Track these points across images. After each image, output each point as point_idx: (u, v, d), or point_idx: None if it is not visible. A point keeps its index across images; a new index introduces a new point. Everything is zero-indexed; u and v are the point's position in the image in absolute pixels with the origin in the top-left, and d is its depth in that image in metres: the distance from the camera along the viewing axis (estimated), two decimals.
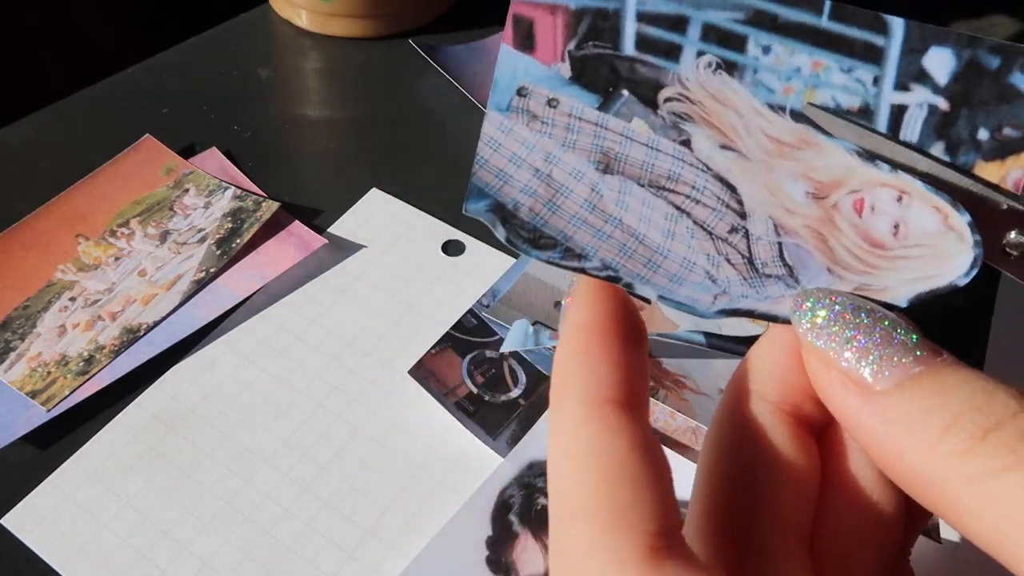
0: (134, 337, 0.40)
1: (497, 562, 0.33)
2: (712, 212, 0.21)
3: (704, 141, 0.21)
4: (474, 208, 0.22)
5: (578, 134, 0.21)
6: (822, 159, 0.20)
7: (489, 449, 0.36)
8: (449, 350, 0.39)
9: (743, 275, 0.21)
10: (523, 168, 0.21)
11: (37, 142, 0.49)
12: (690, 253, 0.21)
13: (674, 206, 0.21)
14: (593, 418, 0.18)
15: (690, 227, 0.21)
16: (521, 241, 0.21)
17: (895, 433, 0.17)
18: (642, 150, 0.21)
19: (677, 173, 0.21)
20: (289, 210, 0.45)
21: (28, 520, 0.34)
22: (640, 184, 0.21)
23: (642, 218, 0.21)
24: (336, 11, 0.54)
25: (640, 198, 0.21)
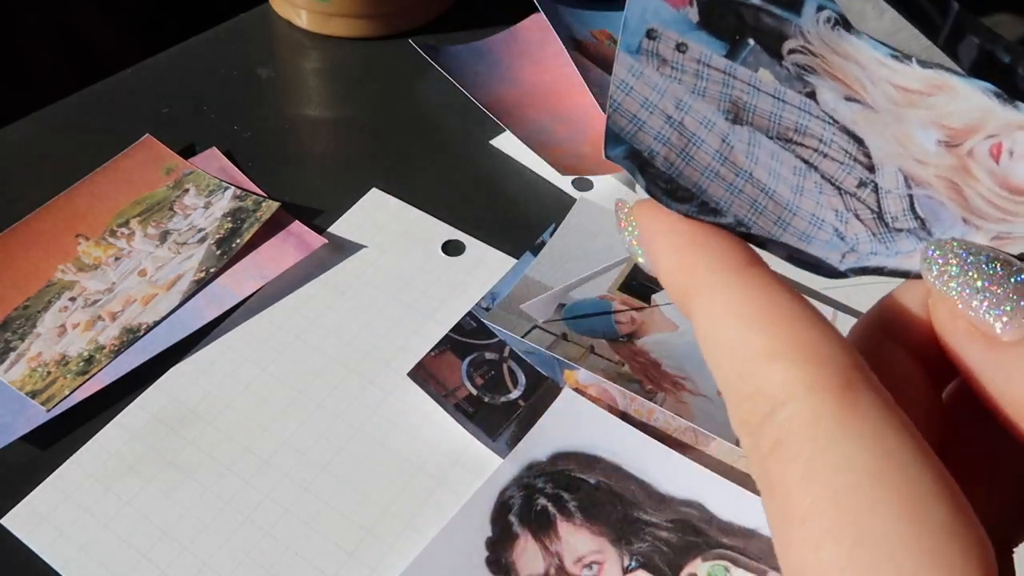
0: (134, 337, 0.40)
1: (497, 563, 0.33)
2: (840, 166, 0.20)
3: (829, 93, 0.20)
4: (613, 154, 0.21)
5: (707, 81, 0.21)
6: (956, 103, 0.20)
7: (489, 450, 0.36)
8: (448, 352, 0.39)
9: (872, 231, 0.20)
10: (655, 114, 0.21)
11: (37, 142, 0.49)
12: (819, 209, 0.20)
13: (802, 160, 0.20)
14: (741, 279, 0.18)
15: (818, 182, 0.20)
16: (660, 192, 0.20)
17: (1019, 386, 0.17)
18: (769, 100, 0.20)
19: (804, 125, 0.20)
20: (289, 210, 0.45)
21: (28, 520, 0.34)
22: (769, 136, 0.20)
23: (771, 172, 0.20)
24: (336, 11, 0.54)
25: (769, 151, 0.20)
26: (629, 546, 0.33)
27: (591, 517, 0.34)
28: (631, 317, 0.40)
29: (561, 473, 0.35)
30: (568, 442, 0.36)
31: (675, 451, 0.35)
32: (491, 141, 0.50)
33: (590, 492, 0.34)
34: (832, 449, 0.16)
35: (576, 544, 0.33)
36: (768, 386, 0.17)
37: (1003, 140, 0.19)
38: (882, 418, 0.16)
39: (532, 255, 0.43)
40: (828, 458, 0.16)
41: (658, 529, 0.33)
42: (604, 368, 0.38)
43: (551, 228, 0.44)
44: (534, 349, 0.39)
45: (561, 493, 0.34)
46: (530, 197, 0.47)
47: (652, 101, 0.20)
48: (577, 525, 0.33)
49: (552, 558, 0.33)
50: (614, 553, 0.33)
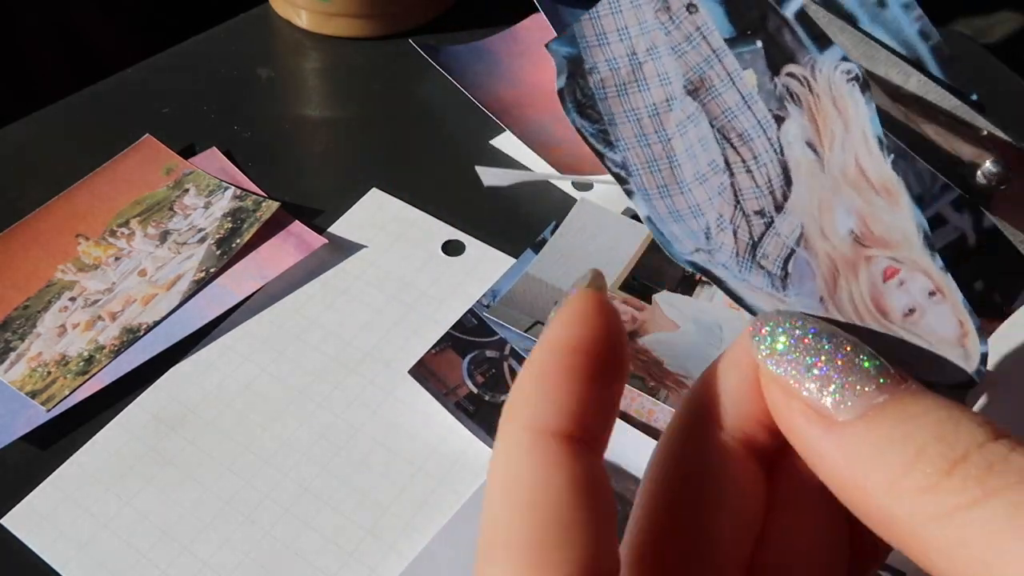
0: (134, 337, 0.40)
1: None
2: (754, 188, 0.20)
3: (796, 128, 0.20)
4: (555, 48, 0.21)
5: (692, 49, 0.21)
6: (890, 216, 0.20)
7: (489, 449, 0.36)
8: (449, 350, 0.39)
9: (737, 251, 0.20)
10: (624, 43, 0.21)
11: (37, 142, 0.49)
12: (706, 204, 0.20)
13: (725, 160, 0.20)
14: (535, 447, 0.17)
15: (724, 185, 0.20)
16: (571, 101, 0.20)
17: (858, 466, 0.17)
18: (736, 98, 0.20)
19: (751, 137, 0.20)
20: (289, 210, 0.45)
21: (28, 520, 0.34)
22: (711, 124, 0.20)
23: (689, 150, 0.20)
24: (336, 11, 0.54)
25: (701, 134, 0.20)
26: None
27: None
28: (632, 316, 0.40)
29: None
30: None
31: None
32: (491, 141, 0.50)
33: None
34: None
35: None
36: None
37: (902, 270, 0.20)
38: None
39: (533, 252, 0.42)
40: None
41: None
42: None
43: (552, 226, 0.44)
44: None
45: None
46: (530, 197, 0.47)
47: (629, 31, 0.21)
48: None
49: None
50: None
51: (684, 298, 0.41)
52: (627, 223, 0.44)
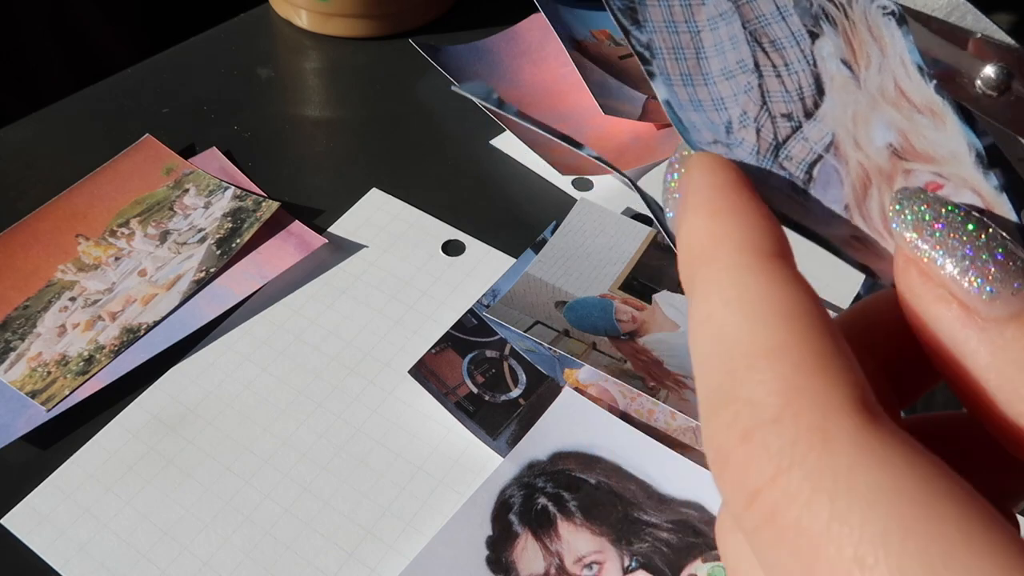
0: (134, 337, 0.40)
1: (497, 562, 0.33)
2: (783, 93, 0.20)
3: (830, 46, 0.20)
4: None
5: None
6: (935, 133, 0.19)
7: (489, 449, 0.36)
8: (449, 350, 0.39)
9: (759, 149, 0.19)
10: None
11: (37, 142, 0.49)
12: (730, 100, 0.20)
13: (755, 61, 0.20)
14: (765, 269, 0.15)
15: (752, 85, 0.20)
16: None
17: (1007, 372, 0.15)
18: (770, 7, 0.20)
19: (782, 45, 0.20)
20: (289, 210, 0.45)
21: (28, 520, 0.34)
22: (743, 26, 0.20)
23: (718, 46, 0.20)
24: (336, 11, 0.54)
25: (732, 33, 0.20)
26: (629, 546, 0.33)
27: (591, 517, 0.34)
28: (632, 316, 0.40)
29: (561, 473, 0.35)
30: (568, 441, 0.36)
31: (675, 451, 0.35)
32: (491, 141, 0.50)
33: (590, 492, 0.34)
34: (867, 481, 0.13)
35: (576, 544, 0.33)
36: (759, 394, 0.14)
37: (948, 185, 0.19)
38: (907, 444, 0.14)
39: (533, 252, 0.42)
40: (867, 497, 0.13)
41: (658, 530, 0.33)
42: (607, 364, 0.38)
43: (552, 226, 0.44)
44: (535, 346, 0.39)
45: (562, 493, 0.34)
46: (530, 197, 0.47)
47: None
48: (577, 525, 0.33)
49: (552, 558, 0.33)
50: (614, 553, 0.33)
51: (684, 298, 0.41)
52: (628, 223, 0.44)
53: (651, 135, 0.50)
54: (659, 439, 0.36)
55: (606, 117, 0.49)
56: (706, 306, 0.16)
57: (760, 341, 0.15)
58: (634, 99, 0.51)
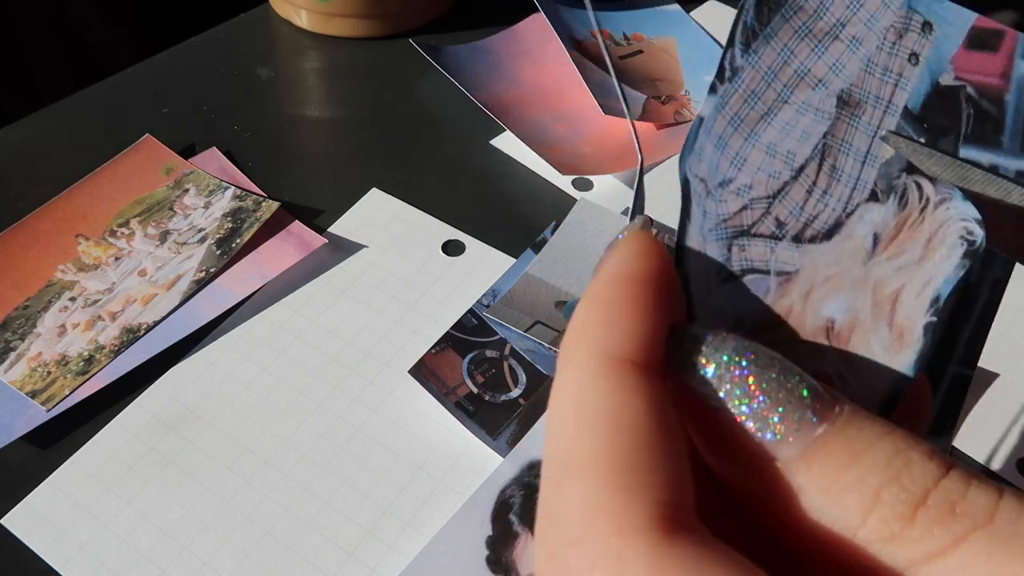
0: (134, 337, 0.40)
1: (497, 562, 0.33)
2: (797, 207, 0.19)
3: (878, 217, 0.19)
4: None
5: (875, 75, 0.20)
6: (881, 354, 0.19)
7: (489, 449, 0.36)
8: (449, 350, 0.39)
9: (728, 222, 0.19)
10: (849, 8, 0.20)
11: (37, 142, 0.49)
12: (752, 168, 0.19)
13: (801, 165, 0.19)
14: (610, 374, 0.16)
15: (779, 175, 0.19)
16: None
17: (814, 512, 0.15)
18: (862, 145, 0.19)
19: (839, 175, 0.19)
20: (289, 210, 0.45)
21: (28, 520, 0.34)
22: (824, 134, 0.19)
23: (788, 125, 0.19)
24: (336, 11, 0.54)
25: (809, 130, 0.19)
26: None
27: None
28: None
29: None
30: None
31: None
32: (491, 141, 0.50)
33: None
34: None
35: None
36: (566, 511, 0.15)
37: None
38: (706, 556, 0.14)
39: (533, 252, 0.42)
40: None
41: None
42: None
43: (552, 226, 0.44)
44: (535, 346, 0.39)
45: None
46: (530, 197, 0.47)
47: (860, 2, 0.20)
48: None
49: None
50: None
51: None
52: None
53: (651, 135, 0.50)
54: None
55: (606, 117, 0.49)
56: (555, 404, 0.16)
57: (579, 453, 0.15)
58: (634, 99, 0.51)
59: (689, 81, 0.53)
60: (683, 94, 0.52)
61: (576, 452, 0.15)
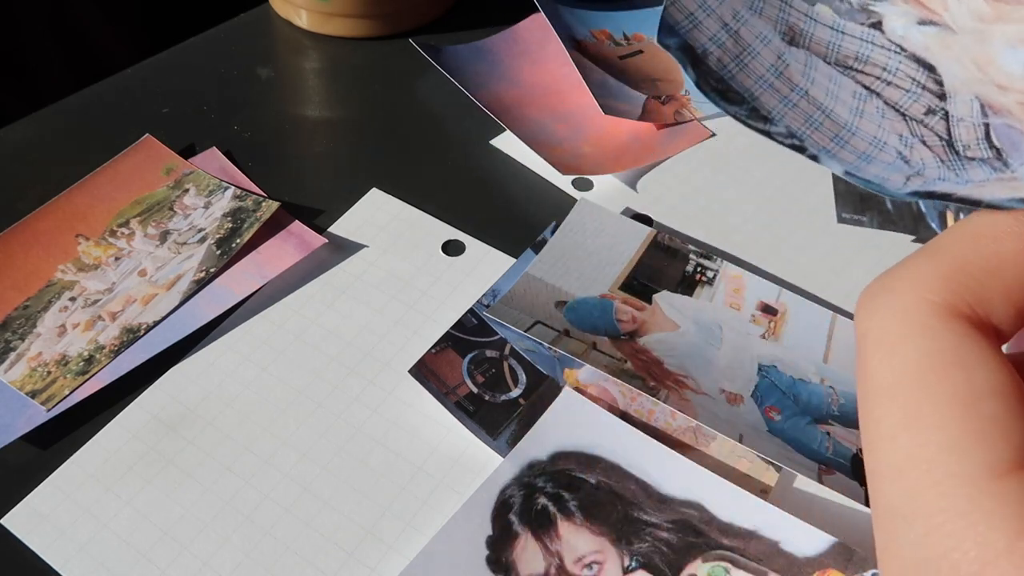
0: (134, 337, 0.40)
1: (497, 561, 0.33)
2: (905, 93, 0.19)
3: (898, 19, 0.19)
4: (665, 43, 0.20)
5: (764, 2, 0.20)
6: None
7: (489, 449, 0.36)
8: (449, 349, 0.39)
9: (940, 157, 0.19)
10: (712, 17, 0.20)
11: (37, 142, 0.49)
12: (880, 132, 0.19)
13: (863, 86, 0.19)
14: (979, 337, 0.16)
15: (880, 107, 0.19)
16: (710, 89, 0.19)
17: None
18: (827, 32, 0.20)
19: (865, 55, 0.19)
20: (289, 210, 0.45)
21: (28, 520, 0.34)
22: (826, 61, 0.20)
23: (829, 92, 0.19)
24: (336, 11, 0.54)
25: (826, 74, 0.19)
26: (629, 546, 0.33)
27: (591, 517, 0.34)
28: (632, 316, 0.40)
29: (561, 472, 0.35)
30: (568, 441, 0.36)
31: (675, 452, 0.35)
32: (491, 141, 0.50)
33: (590, 492, 0.34)
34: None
35: (576, 544, 0.33)
36: (912, 460, 0.16)
37: None
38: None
39: (533, 252, 0.42)
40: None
41: (658, 529, 0.33)
42: (607, 364, 0.38)
43: (552, 226, 0.44)
44: (535, 345, 0.39)
45: (561, 492, 0.34)
46: (530, 197, 0.47)
47: (710, 5, 0.20)
48: (577, 525, 0.33)
49: (552, 558, 0.33)
50: (614, 553, 0.33)
51: (684, 298, 0.41)
52: (628, 223, 0.44)
53: (651, 135, 0.50)
54: (659, 439, 0.36)
55: (606, 117, 0.49)
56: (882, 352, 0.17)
57: (927, 408, 0.16)
58: (634, 99, 0.51)
59: (689, 81, 0.53)
60: (683, 94, 0.52)
61: (925, 403, 0.16)
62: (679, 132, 0.50)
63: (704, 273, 0.42)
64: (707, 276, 0.42)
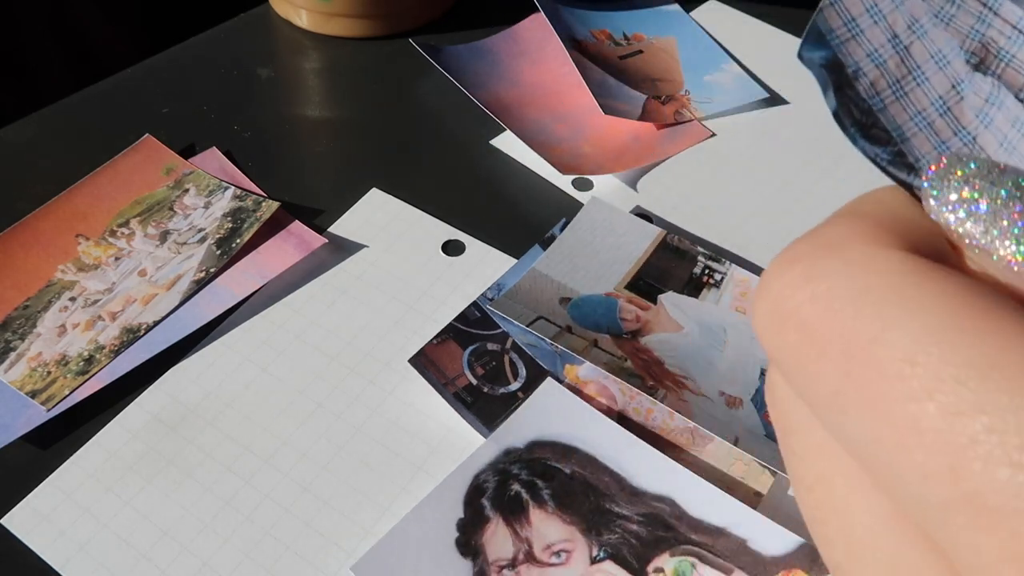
0: (134, 337, 0.40)
1: (466, 544, 0.33)
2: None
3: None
4: (809, 56, 0.16)
5: (959, 8, 0.16)
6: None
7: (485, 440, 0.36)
8: (451, 341, 0.39)
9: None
10: (879, 26, 0.16)
11: (37, 142, 0.49)
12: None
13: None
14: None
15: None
16: (851, 121, 0.16)
17: None
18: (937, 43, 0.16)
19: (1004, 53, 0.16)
20: (289, 210, 0.45)
21: (28, 520, 0.34)
22: (1019, 97, 0.16)
23: (1005, 144, 0.16)
24: (336, 11, 0.54)
25: (1012, 115, 0.16)
26: (599, 536, 0.33)
27: (563, 506, 0.34)
28: (636, 315, 0.40)
29: (537, 461, 0.35)
30: (547, 431, 0.36)
31: (650, 447, 0.35)
32: (491, 141, 0.50)
33: (564, 481, 0.34)
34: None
35: (546, 531, 0.33)
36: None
37: None
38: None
39: (541, 248, 0.42)
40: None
41: (628, 522, 0.33)
42: (607, 362, 0.38)
43: (562, 223, 0.44)
44: (537, 340, 0.39)
45: (535, 480, 0.34)
46: (530, 197, 0.47)
47: (881, 9, 0.16)
48: (549, 513, 0.33)
49: (522, 543, 0.33)
50: (583, 542, 0.33)
51: (690, 300, 0.41)
52: (638, 223, 0.44)
53: (651, 135, 0.50)
54: (655, 440, 0.36)
55: (606, 117, 0.49)
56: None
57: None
58: (634, 99, 0.51)
59: (689, 81, 0.53)
60: (683, 94, 0.52)
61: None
62: (679, 132, 0.50)
63: (712, 276, 0.42)
64: (715, 279, 0.42)
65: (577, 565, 0.32)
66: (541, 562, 0.32)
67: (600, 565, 0.32)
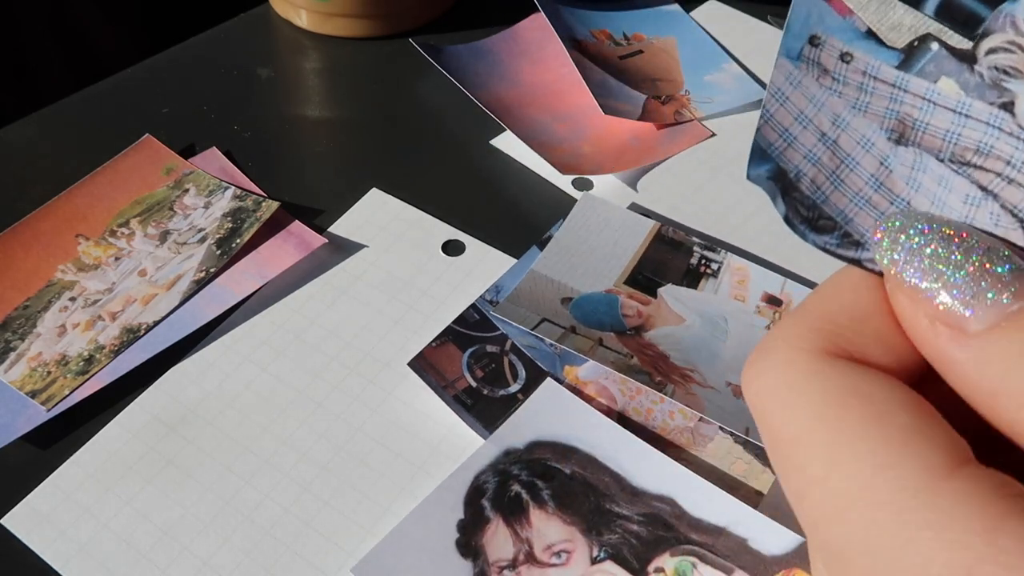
0: (134, 337, 0.40)
1: (466, 545, 0.33)
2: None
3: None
4: (755, 173, 0.18)
5: (871, 96, 0.18)
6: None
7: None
8: (450, 343, 0.39)
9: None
10: (809, 130, 0.18)
11: (37, 142, 0.49)
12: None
13: (978, 186, 0.17)
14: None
15: (995, 213, 0.17)
16: (800, 220, 0.18)
17: (988, 379, 0.16)
18: (947, 116, 0.18)
19: (988, 146, 0.17)
20: (289, 210, 0.45)
21: (28, 520, 0.34)
22: (939, 158, 0.18)
23: (935, 200, 0.18)
24: (336, 11, 0.54)
25: (936, 176, 0.18)
26: (599, 537, 0.33)
27: (563, 506, 0.34)
28: (637, 310, 0.40)
29: (537, 461, 0.35)
30: (546, 431, 0.36)
31: (650, 447, 0.35)
32: (491, 141, 0.50)
33: (564, 481, 0.34)
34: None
35: (547, 532, 0.33)
36: (847, 474, 0.16)
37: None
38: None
39: (538, 250, 0.42)
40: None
41: (629, 522, 0.33)
42: (613, 360, 0.38)
43: (559, 223, 0.44)
44: (536, 342, 0.39)
45: (535, 481, 0.34)
46: (530, 197, 0.47)
47: (807, 115, 0.18)
48: (549, 513, 0.33)
49: (522, 544, 0.33)
50: (584, 543, 0.33)
51: (689, 291, 0.41)
52: (632, 217, 0.44)
53: (651, 135, 0.50)
54: (655, 440, 0.36)
55: (606, 117, 0.49)
56: (772, 393, 0.18)
57: (846, 425, 0.17)
58: (634, 99, 0.51)
59: (689, 81, 0.53)
60: (683, 94, 0.52)
61: (838, 424, 0.17)
62: (679, 132, 0.50)
63: (708, 265, 0.42)
64: (711, 268, 0.42)
65: (577, 565, 0.32)
66: (541, 563, 0.32)
67: (600, 565, 0.32)
